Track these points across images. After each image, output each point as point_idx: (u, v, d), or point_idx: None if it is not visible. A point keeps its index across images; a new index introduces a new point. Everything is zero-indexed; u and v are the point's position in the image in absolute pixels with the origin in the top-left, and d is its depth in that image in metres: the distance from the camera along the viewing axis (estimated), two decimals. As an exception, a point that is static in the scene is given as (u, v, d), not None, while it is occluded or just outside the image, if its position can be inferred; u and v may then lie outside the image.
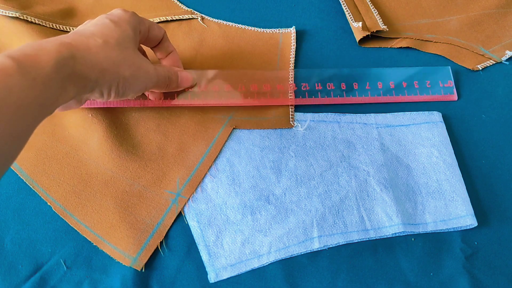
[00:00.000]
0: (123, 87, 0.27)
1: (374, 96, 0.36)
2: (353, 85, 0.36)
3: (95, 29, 0.26)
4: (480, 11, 0.42)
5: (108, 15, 0.28)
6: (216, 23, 0.41)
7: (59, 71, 0.22)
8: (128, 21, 0.28)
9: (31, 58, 0.21)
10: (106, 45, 0.26)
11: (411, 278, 0.30)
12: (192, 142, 0.34)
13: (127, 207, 0.31)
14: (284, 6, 0.42)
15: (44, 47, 0.22)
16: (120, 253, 0.30)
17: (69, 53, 0.23)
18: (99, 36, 0.26)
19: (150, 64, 0.29)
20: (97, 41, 0.25)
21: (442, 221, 0.31)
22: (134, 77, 0.27)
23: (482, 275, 0.30)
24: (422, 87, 0.37)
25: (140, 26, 0.29)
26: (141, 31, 0.30)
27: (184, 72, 0.33)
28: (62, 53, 0.22)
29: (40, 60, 0.21)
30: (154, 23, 0.31)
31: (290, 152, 0.34)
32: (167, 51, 0.33)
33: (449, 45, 0.40)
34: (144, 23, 0.30)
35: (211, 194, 0.32)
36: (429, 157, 0.34)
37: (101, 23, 0.27)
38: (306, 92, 0.36)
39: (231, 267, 0.29)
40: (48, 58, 0.22)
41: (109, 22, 0.27)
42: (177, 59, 0.34)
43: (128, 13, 0.29)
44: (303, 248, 0.30)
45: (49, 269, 0.29)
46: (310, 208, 0.31)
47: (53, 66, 0.22)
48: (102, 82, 0.25)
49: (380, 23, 0.39)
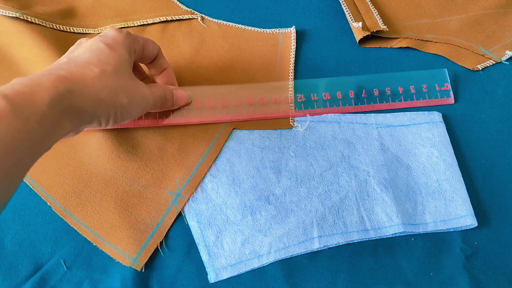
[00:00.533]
0: (121, 115, 0.26)
1: (371, 104, 0.36)
2: (349, 94, 0.36)
3: (90, 56, 0.25)
4: (480, 11, 0.42)
5: (102, 37, 0.27)
6: (216, 23, 0.41)
7: (55, 107, 0.21)
8: (123, 43, 0.27)
9: (25, 96, 0.20)
10: (103, 74, 0.25)
11: (411, 278, 0.30)
12: (192, 142, 0.34)
13: (127, 207, 0.31)
14: (284, 6, 0.42)
15: (40, 83, 0.21)
16: (120, 253, 0.30)
17: (66, 88, 0.22)
18: (95, 64, 0.25)
19: (146, 87, 0.29)
20: (94, 71, 0.25)
21: (442, 221, 0.31)
22: (131, 104, 0.27)
23: (482, 275, 0.30)
24: (418, 91, 0.36)
25: (134, 46, 0.29)
26: (135, 51, 0.29)
27: (179, 90, 0.33)
28: (58, 88, 0.22)
29: (35, 98, 0.21)
30: (149, 40, 0.30)
31: (290, 152, 0.34)
32: (161, 67, 0.32)
33: (449, 45, 0.40)
34: (139, 41, 0.29)
35: (211, 194, 0.32)
36: (429, 157, 0.34)
37: (96, 48, 0.26)
38: (302, 104, 0.35)
39: (231, 267, 0.29)
40: (44, 95, 0.21)
41: (104, 47, 0.26)
42: (171, 75, 0.33)
43: (123, 34, 0.28)
44: (303, 248, 0.30)
45: (49, 269, 0.29)
46: (310, 208, 0.31)
47: (49, 103, 0.21)
48: (100, 113, 0.25)
49: (380, 23, 0.39)
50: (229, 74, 0.38)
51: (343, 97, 0.36)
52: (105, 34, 0.28)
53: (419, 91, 0.36)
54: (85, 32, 0.39)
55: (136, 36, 0.29)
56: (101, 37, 0.27)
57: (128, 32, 0.29)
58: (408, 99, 0.36)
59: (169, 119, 0.33)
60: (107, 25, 0.39)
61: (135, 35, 0.29)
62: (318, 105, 0.35)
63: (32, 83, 0.21)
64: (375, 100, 0.36)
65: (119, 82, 0.26)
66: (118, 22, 0.40)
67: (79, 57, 0.26)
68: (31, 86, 0.21)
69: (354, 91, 0.36)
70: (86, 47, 0.27)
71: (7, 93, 0.20)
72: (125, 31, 0.29)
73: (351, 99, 0.36)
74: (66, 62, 0.25)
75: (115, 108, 0.25)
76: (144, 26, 0.40)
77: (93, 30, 0.39)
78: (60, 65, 0.24)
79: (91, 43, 0.27)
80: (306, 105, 0.35)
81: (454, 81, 0.38)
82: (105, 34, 0.28)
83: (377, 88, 0.36)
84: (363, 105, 0.36)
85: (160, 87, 0.31)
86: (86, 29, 0.39)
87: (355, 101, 0.36)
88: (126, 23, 0.40)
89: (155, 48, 0.31)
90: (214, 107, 0.34)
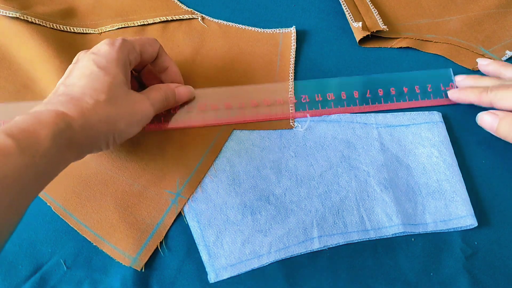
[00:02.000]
0: (120, 138, 0.27)
1: (375, 104, 0.36)
2: (353, 94, 0.36)
3: (85, 84, 0.26)
4: (480, 11, 0.42)
5: (96, 56, 0.27)
6: (216, 23, 0.41)
7: (57, 142, 0.22)
8: (117, 60, 0.27)
9: (29, 134, 0.21)
10: (98, 105, 0.25)
11: (411, 278, 0.30)
12: (192, 142, 0.34)
13: (127, 207, 0.31)
14: (284, 6, 0.42)
15: (41, 121, 0.22)
16: (120, 253, 0.30)
17: (65, 124, 0.23)
18: (89, 95, 0.25)
19: (144, 100, 0.29)
20: (89, 103, 0.25)
21: (442, 221, 0.31)
22: (129, 126, 0.27)
23: (482, 275, 0.30)
24: (423, 91, 0.36)
25: (130, 57, 0.29)
26: (131, 62, 0.29)
27: (181, 87, 0.33)
28: (58, 125, 0.23)
29: (38, 135, 0.22)
30: (147, 42, 0.30)
31: (290, 152, 0.34)
32: (164, 66, 0.32)
33: (449, 45, 0.40)
34: (135, 49, 0.29)
35: (211, 194, 0.32)
36: (429, 157, 0.34)
37: (89, 73, 0.26)
38: (306, 104, 0.35)
39: (231, 267, 0.29)
40: (46, 132, 0.22)
41: (97, 71, 0.26)
42: (175, 72, 0.33)
43: (116, 48, 0.28)
44: (303, 248, 0.30)
45: (49, 269, 0.29)
46: (310, 208, 0.31)
47: (51, 139, 0.22)
48: (99, 142, 0.26)
49: (380, 23, 0.39)
50: (229, 74, 0.38)
51: (347, 97, 0.36)
52: (98, 50, 0.28)
53: (424, 91, 0.36)
54: (85, 32, 0.39)
55: (132, 43, 0.29)
56: (94, 55, 0.27)
57: (123, 43, 0.28)
58: (413, 99, 0.36)
59: (174, 122, 0.33)
60: (107, 25, 0.39)
61: (131, 42, 0.29)
62: (322, 105, 0.35)
63: (34, 121, 0.22)
64: (379, 100, 0.36)
65: (114, 110, 0.26)
66: (118, 22, 0.40)
67: (75, 85, 0.26)
68: (33, 124, 0.22)
69: (359, 91, 0.36)
70: (81, 70, 0.27)
71: (12, 131, 0.21)
72: (119, 42, 0.28)
73: (356, 99, 0.36)
74: (63, 93, 0.26)
75: (113, 135, 0.26)
76: (144, 26, 0.40)
77: (93, 30, 0.39)
78: (59, 98, 0.25)
79: (85, 65, 0.27)
80: (311, 106, 0.35)
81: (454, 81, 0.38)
82: (98, 51, 0.28)
83: (382, 88, 0.36)
84: (367, 105, 0.36)
85: (161, 89, 0.31)
86: (86, 29, 0.39)
87: (359, 101, 0.36)
88: (126, 23, 0.40)
89: (155, 49, 0.31)
90: (218, 109, 0.34)
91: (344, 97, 0.36)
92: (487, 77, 0.35)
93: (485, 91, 0.32)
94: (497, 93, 0.31)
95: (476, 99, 0.33)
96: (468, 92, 0.34)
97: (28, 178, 0.21)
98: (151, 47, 0.30)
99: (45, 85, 0.35)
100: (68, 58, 0.36)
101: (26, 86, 0.36)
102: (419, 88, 0.37)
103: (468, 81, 0.36)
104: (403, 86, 0.37)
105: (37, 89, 0.36)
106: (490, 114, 0.32)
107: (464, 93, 0.34)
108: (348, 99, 0.36)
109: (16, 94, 0.35)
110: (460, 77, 0.37)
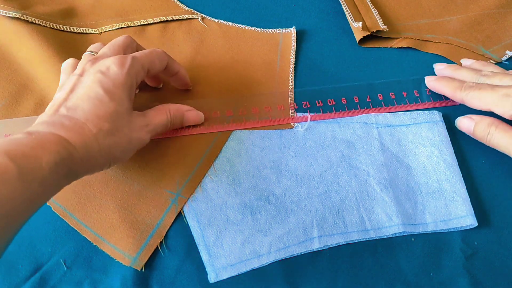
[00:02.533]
0: (113, 164, 0.27)
1: (376, 108, 0.36)
2: (353, 99, 0.36)
3: (89, 109, 0.25)
4: (480, 11, 0.42)
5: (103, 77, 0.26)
6: (216, 23, 0.41)
7: (57, 171, 0.22)
8: (124, 85, 0.27)
9: (31, 160, 0.21)
10: (100, 134, 0.25)
11: (411, 278, 0.30)
12: (192, 142, 0.34)
13: (127, 207, 0.31)
14: (284, 6, 0.42)
15: (44, 146, 0.22)
16: (120, 252, 0.30)
17: (67, 153, 0.23)
18: (93, 121, 0.25)
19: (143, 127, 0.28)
20: (92, 131, 0.25)
21: (442, 221, 0.31)
22: (125, 153, 0.28)
23: (482, 275, 0.30)
24: (422, 95, 0.37)
25: (137, 79, 0.28)
26: (137, 82, 0.28)
27: (191, 113, 0.33)
28: (60, 153, 0.22)
29: (39, 161, 0.21)
30: (155, 59, 0.30)
31: (290, 152, 0.34)
32: (172, 73, 0.32)
33: (449, 45, 0.40)
34: (143, 69, 0.28)
35: (211, 194, 0.32)
36: (429, 157, 0.34)
37: (94, 96, 0.26)
38: (307, 110, 0.35)
39: (231, 267, 0.29)
40: (48, 159, 0.22)
41: (103, 95, 0.26)
42: (183, 77, 0.33)
43: (124, 71, 0.27)
44: (303, 248, 0.30)
45: (49, 269, 0.29)
46: (310, 208, 0.31)
47: (51, 168, 0.22)
48: (94, 170, 0.26)
49: (380, 23, 0.39)
50: (229, 74, 0.38)
51: (347, 102, 0.36)
52: (106, 70, 0.27)
53: (423, 95, 0.37)
54: (85, 32, 0.39)
55: (141, 62, 0.28)
56: (102, 75, 0.26)
57: (132, 65, 0.28)
58: (413, 101, 0.36)
59: (175, 131, 0.33)
60: (107, 24, 0.40)
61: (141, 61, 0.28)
62: (324, 110, 0.35)
63: (37, 145, 0.22)
64: (380, 104, 0.36)
65: (114, 140, 0.26)
66: (118, 22, 0.40)
67: (79, 108, 0.25)
68: (36, 148, 0.22)
69: (359, 96, 0.36)
70: (86, 90, 0.26)
71: (15, 155, 0.21)
72: (129, 63, 0.27)
73: (356, 104, 0.36)
74: (66, 115, 0.25)
75: (109, 162, 0.26)
76: (144, 26, 0.40)
77: (93, 30, 0.39)
78: (62, 121, 0.24)
79: (90, 86, 0.26)
80: (312, 111, 0.35)
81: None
82: (107, 70, 0.27)
83: (381, 94, 0.37)
84: (369, 108, 0.36)
85: (169, 112, 0.31)
86: (86, 29, 0.39)
87: (360, 105, 0.36)
88: (126, 23, 0.40)
89: (163, 64, 0.31)
90: (220, 117, 0.34)
91: (345, 102, 0.36)
92: (466, 70, 0.35)
93: (459, 88, 0.33)
94: (469, 93, 0.32)
95: (450, 94, 0.34)
96: (443, 83, 0.35)
97: (23, 203, 0.20)
98: (159, 63, 0.30)
99: (45, 85, 0.35)
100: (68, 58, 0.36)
101: (26, 86, 0.36)
102: (418, 92, 0.37)
103: (447, 71, 0.36)
104: (402, 91, 0.37)
105: (37, 89, 0.36)
106: (467, 118, 0.33)
107: (440, 84, 0.35)
108: (348, 103, 0.36)
109: (16, 94, 0.35)
110: (440, 65, 0.37)
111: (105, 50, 0.30)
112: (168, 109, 0.31)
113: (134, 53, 0.29)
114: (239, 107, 0.35)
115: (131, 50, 0.31)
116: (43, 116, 0.26)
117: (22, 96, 0.35)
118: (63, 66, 0.31)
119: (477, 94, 0.32)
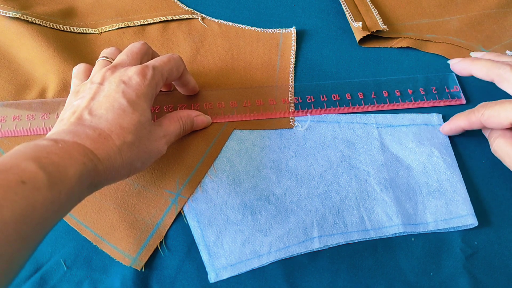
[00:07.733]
0: (133, 174, 0.27)
1: (381, 104, 0.36)
2: (358, 95, 0.36)
3: (112, 119, 0.25)
4: (480, 11, 0.42)
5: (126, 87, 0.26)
6: (216, 23, 0.41)
7: (81, 183, 0.22)
8: (146, 95, 0.27)
9: (60, 169, 0.21)
10: (123, 146, 0.25)
11: (411, 278, 0.30)
12: (192, 142, 0.34)
13: (127, 207, 0.31)
14: (284, 6, 0.42)
15: (71, 156, 0.22)
16: (120, 252, 0.30)
17: (92, 165, 0.23)
18: (117, 133, 0.25)
19: (161, 138, 0.28)
20: (116, 144, 0.25)
21: (443, 221, 0.31)
22: (144, 164, 0.27)
23: (482, 275, 0.30)
24: (428, 93, 0.37)
25: (157, 89, 0.28)
26: (157, 91, 0.29)
27: (201, 117, 0.33)
28: (86, 165, 0.22)
29: (67, 171, 0.21)
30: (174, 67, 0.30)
31: (290, 152, 0.34)
32: (184, 83, 0.33)
33: (449, 45, 0.40)
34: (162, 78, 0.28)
35: (211, 194, 0.32)
36: (429, 157, 0.34)
37: (118, 107, 0.25)
38: (312, 104, 0.36)
39: (231, 267, 0.29)
40: (75, 170, 0.21)
41: (126, 106, 0.26)
42: (193, 85, 0.34)
43: (146, 82, 0.27)
44: (303, 248, 0.30)
45: (49, 269, 0.29)
46: (310, 208, 0.31)
47: (78, 179, 0.21)
48: (114, 181, 0.26)
49: (380, 23, 0.39)
50: (230, 73, 0.38)
51: (352, 98, 0.36)
52: (128, 80, 0.27)
53: (428, 93, 0.37)
54: (85, 32, 0.39)
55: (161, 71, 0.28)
56: (124, 85, 0.26)
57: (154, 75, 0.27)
58: (418, 99, 0.36)
59: None
60: (107, 24, 0.40)
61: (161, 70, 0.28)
62: (327, 105, 0.36)
63: (65, 155, 0.22)
64: (385, 101, 0.36)
65: (137, 152, 0.26)
66: (119, 22, 0.40)
67: (102, 118, 0.25)
68: (64, 158, 0.21)
69: (363, 93, 0.36)
70: (109, 99, 0.26)
71: (44, 163, 0.20)
72: (150, 74, 0.27)
73: (361, 100, 0.36)
74: (90, 125, 0.25)
75: (128, 173, 0.26)
76: (144, 26, 0.40)
77: (93, 30, 0.39)
78: (86, 131, 0.24)
79: (113, 96, 0.26)
80: (316, 105, 0.36)
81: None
82: (129, 80, 0.27)
83: (386, 90, 0.37)
84: (373, 105, 0.36)
85: (181, 120, 0.31)
86: (86, 29, 0.39)
87: (364, 101, 0.36)
88: (126, 23, 0.40)
89: (179, 72, 0.31)
90: (224, 108, 0.35)
91: (349, 97, 0.36)
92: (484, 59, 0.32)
93: (472, 112, 0.31)
94: (484, 113, 0.30)
95: (467, 123, 0.32)
96: (456, 121, 0.33)
97: (53, 213, 0.20)
98: (177, 71, 0.30)
99: (45, 85, 0.35)
100: (68, 58, 0.36)
101: (26, 86, 0.36)
102: (424, 90, 0.37)
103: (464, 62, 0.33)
104: (407, 88, 0.37)
105: (37, 89, 0.36)
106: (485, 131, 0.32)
107: (454, 123, 0.33)
108: (352, 99, 0.36)
109: (16, 94, 0.35)
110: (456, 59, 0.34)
111: (123, 57, 0.29)
112: (179, 117, 0.31)
113: (154, 62, 0.29)
114: (242, 99, 0.35)
115: (147, 57, 0.31)
116: (64, 122, 0.25)
117: (22, 96, 0.35)
118: (75, 71, 0.31)
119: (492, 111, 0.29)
